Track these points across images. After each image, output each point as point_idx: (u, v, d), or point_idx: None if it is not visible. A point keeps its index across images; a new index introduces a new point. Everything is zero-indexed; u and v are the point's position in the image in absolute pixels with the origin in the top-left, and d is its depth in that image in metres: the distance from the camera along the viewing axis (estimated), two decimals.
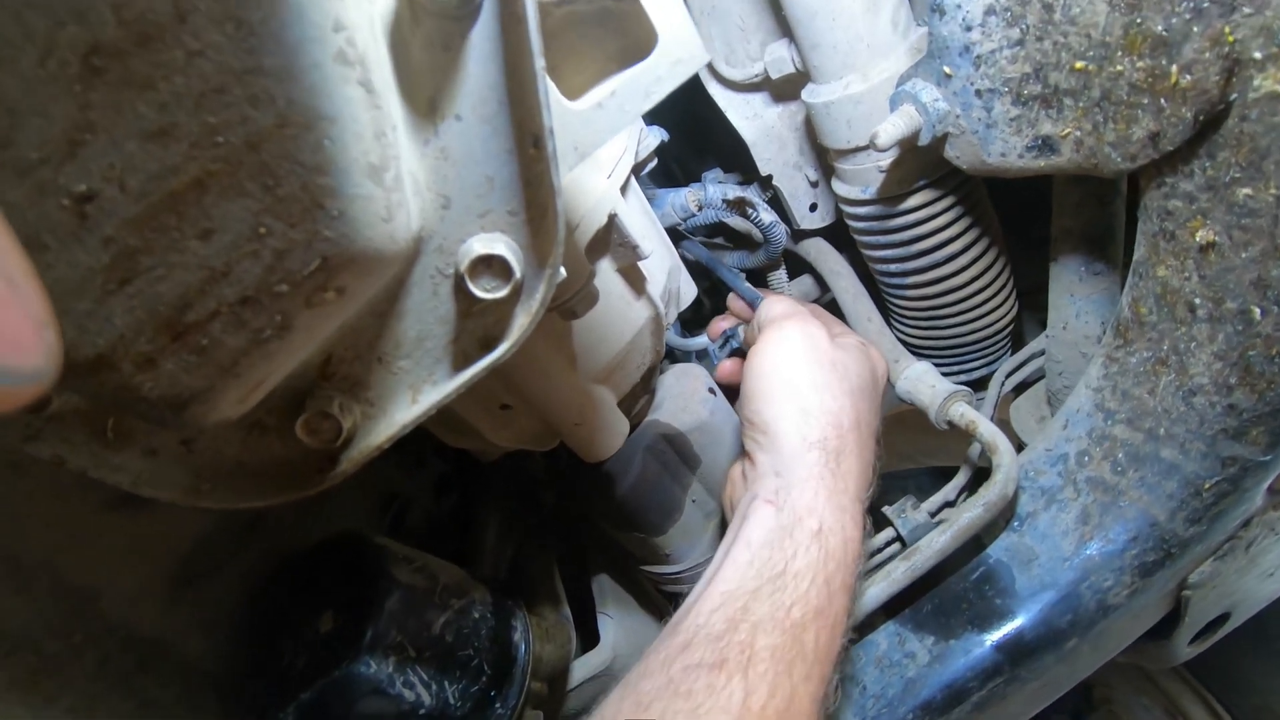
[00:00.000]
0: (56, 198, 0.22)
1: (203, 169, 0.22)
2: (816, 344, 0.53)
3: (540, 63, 0.26)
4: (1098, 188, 0.58)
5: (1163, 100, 0.41)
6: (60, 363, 0.14)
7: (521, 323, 0.32)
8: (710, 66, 0.72)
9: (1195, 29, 0.37)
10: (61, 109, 0.20)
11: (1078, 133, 0.48)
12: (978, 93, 0.50)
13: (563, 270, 0.32)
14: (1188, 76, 0.39)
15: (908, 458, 1.14)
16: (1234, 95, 0.39)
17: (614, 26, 0.32)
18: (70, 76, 0.20)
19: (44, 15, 0.19)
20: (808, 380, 0.51)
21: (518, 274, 0.30)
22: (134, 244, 0.23)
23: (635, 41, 0.32)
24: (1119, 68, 0.42)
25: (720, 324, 0.71)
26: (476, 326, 0.33)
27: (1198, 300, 0.47)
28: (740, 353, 0.69)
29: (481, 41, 0.27)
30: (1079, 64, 0.44)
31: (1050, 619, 0.54)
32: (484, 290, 0.30)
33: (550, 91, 0.28)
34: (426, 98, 0.28)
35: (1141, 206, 0.49)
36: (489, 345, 0.33)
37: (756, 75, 0.69)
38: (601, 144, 0.31)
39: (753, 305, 0.69)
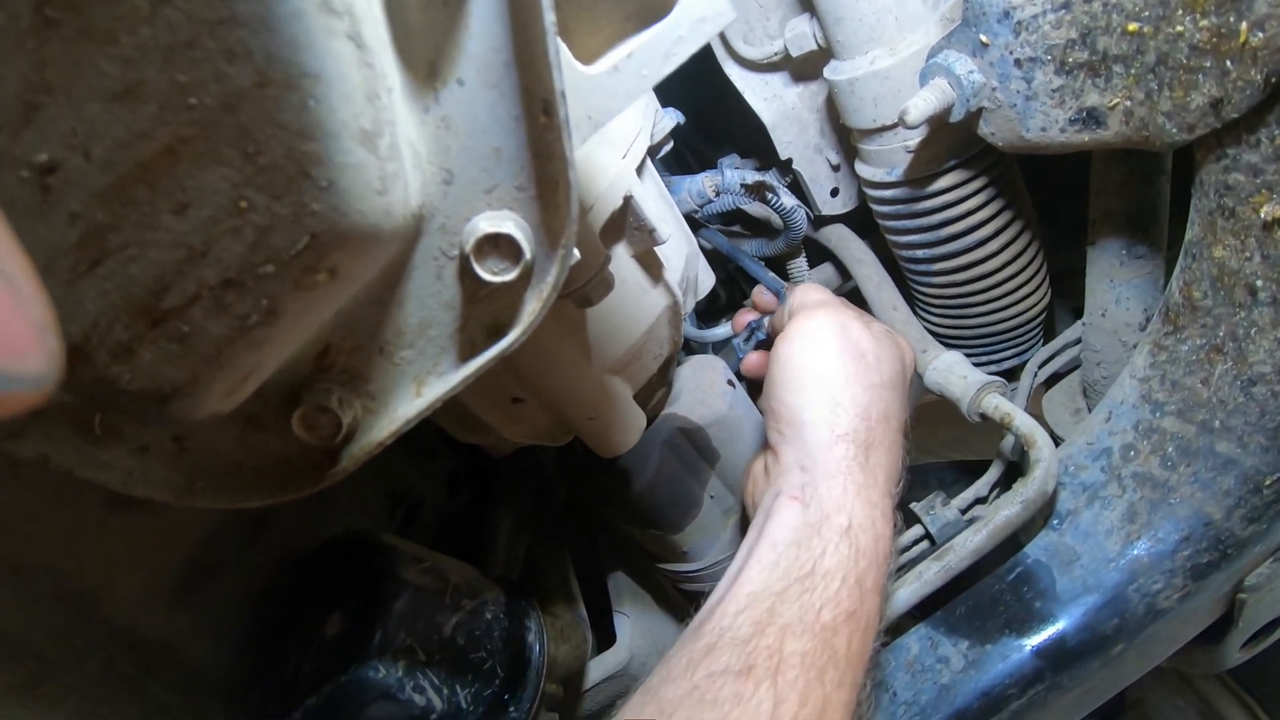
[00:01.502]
0: (15, 169, 0.19)
1: (175, 134, 0.20)
2: (850, 333, 0.51)
3: (550, 19, 0.24)
4: (1142, 165, 0.54)
5: (1229, 62, 0.37)
6: (63, 367, 0.13)
7: (532, 308, 0.30)
8: (727, 45, 0.70)
9: None
10: (14, 68, 0.18)
11: (1127, 103, 0.44)
12: (1017, 62, 0.47)
13: (576, 252, 0.29)
14: (1259, 34, 0.35)
15: (928, 451, 1.11)
16: None
17: None
18: (22, 30, 0.18)
19: None
20: (838, 371, 0.49)
21: (528, 254, 0.28)
22: (103, 220, 0.20)
23: None
24: (1179, 28, 0.39)
25: (745, 316, 0.69)
26: (484, 313, 0.31)
27: (1260, 282, 0.44)
28: (765, 345, 0.66)
29: None
30: (1132, 26, 0.41)
31: (1094, 623, 0.51)
32: (491, 273, 0.28)
33: (562, 54, 0.26)
34: (425, 60, 0.25)
35: (1196, 181, 0.46)
36: (498, 333, 0.31)
37: (776, 54, 0.66)
38: (618, 112, 0.29)
39: (778, 295, 0.66)
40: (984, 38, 0.48)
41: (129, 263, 0.21)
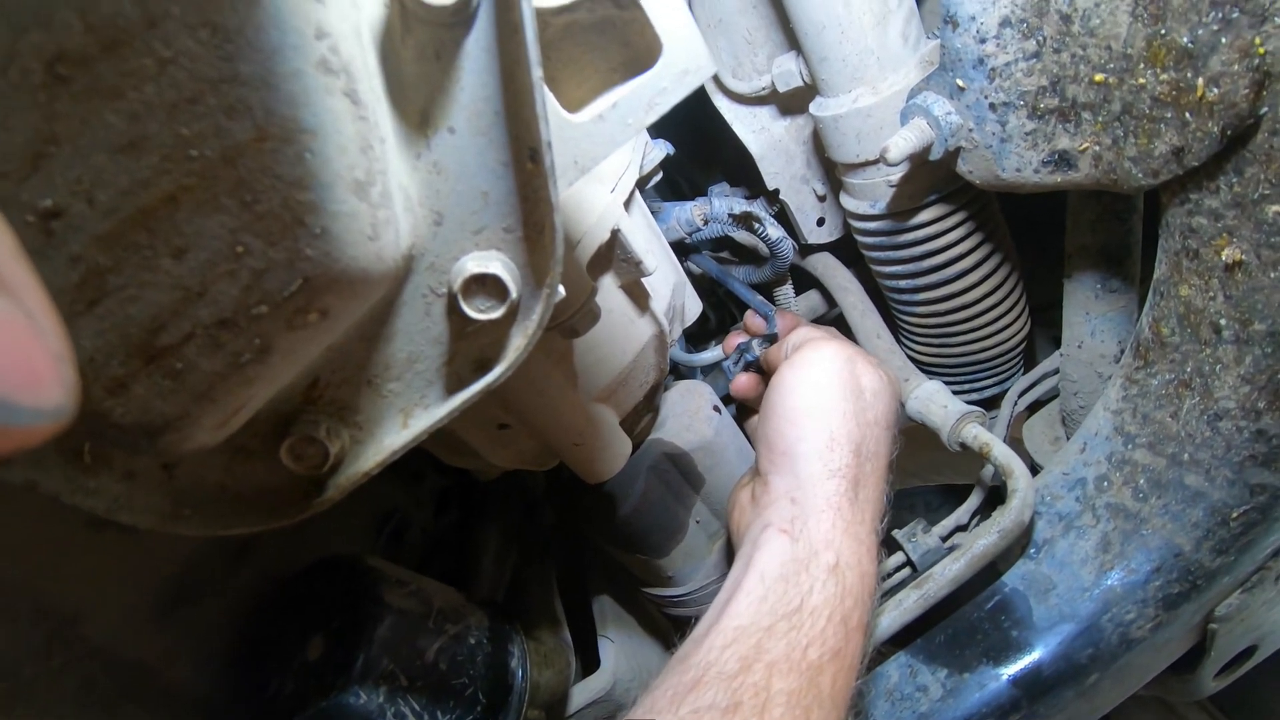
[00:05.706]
0: (20, 214, 0.20)
1: (176, 183, 0.21)
2: (854, 368, 0.52)
3: (538, 72, 0.25)
4: (1115, 203, 0.56)
5: (1188, 114, 0.39)
6: (79, 399, 0.14)
7: (518, 344, 0.31)
8: (717, 79, 0.72)
9: (1223, 40, 0.36)
10: (25, 120, 0.19)
11: (1096, 147, 0.46)
12: (992, 106, 0.49)
13: (561, 289, 0.30)
14: (1215, 89, 0.37)
15: (912, 475, 1.12)
16: (1264, 109, 0.37)
17: (616, 36, 0.30)
18: (34, 85, 0.19)
19: (5, 20, 0.18)
20: (837, 406, 0.50)
21: (514, 294, 0.29)
22: (103, 263, 0.21)
23: (639, 52, 0.30)
24: (1141, 80, 0.40)
25: (736, 339, 0.70)
26: (471, 348, 0.32)
27: (1223, 321, 0.45)
28: (755, 367, 0.67)
29: (476, 51, 0.26)
30: (1098, 76, 0.43)
31: (1069, 652, 0.51)
32: (478, 311, 0.29)
33: (549, 103, 0.27)
34: (418, 109, 0.26)
35: (1163, 223, 0.48)
36: (484, 367, 0.32)
37: (764, 88, 0.68)
38: (603, 158, 0.30)
39: (766, 317, 0.68)
40: (960, 82, 0.50)
41: (127, 303, 0.22)
